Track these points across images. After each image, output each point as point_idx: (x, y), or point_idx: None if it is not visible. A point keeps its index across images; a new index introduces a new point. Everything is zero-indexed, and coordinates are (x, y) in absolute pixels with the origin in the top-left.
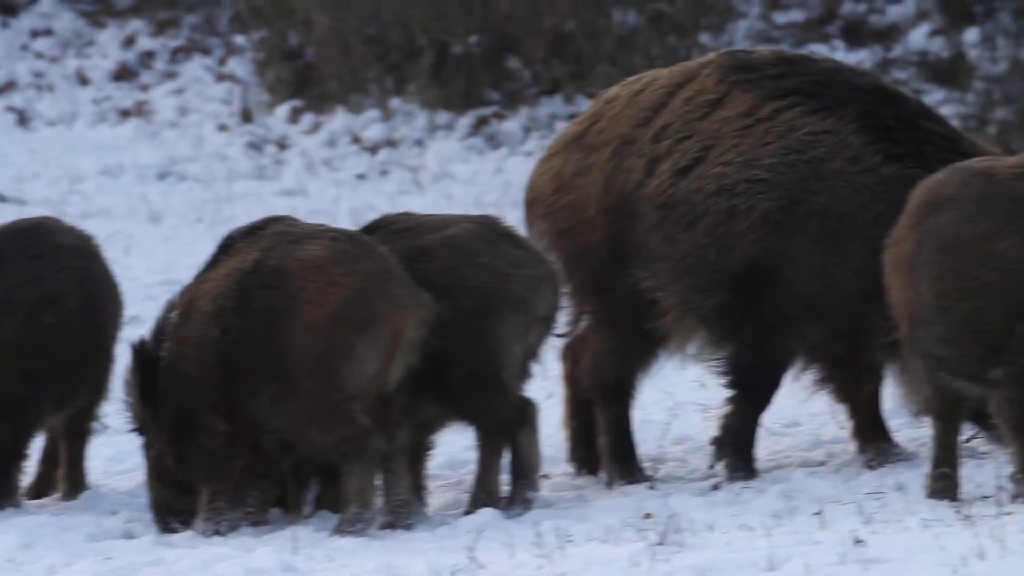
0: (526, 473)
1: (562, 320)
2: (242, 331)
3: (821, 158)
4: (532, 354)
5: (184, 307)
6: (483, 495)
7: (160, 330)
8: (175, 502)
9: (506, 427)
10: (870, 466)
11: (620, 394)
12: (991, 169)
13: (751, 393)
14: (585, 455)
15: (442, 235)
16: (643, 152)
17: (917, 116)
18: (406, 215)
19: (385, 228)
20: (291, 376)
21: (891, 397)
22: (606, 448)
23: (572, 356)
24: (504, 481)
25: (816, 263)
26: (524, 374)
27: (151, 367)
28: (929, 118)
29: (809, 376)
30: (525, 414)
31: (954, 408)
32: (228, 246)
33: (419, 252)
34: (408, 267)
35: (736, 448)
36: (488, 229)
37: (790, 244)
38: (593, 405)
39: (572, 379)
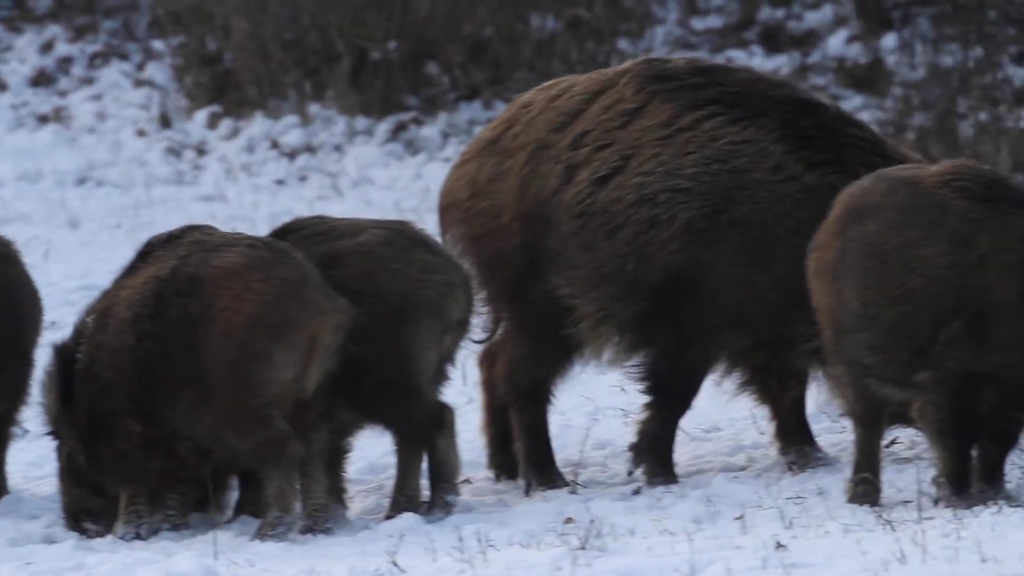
0: (445, 477)
1: (479, 326)
2: (159, 338)
3: (743, 168)
4: (448, 359)
5: (101, 313)
6: (403, 499)
7: (79, 334)
8: (87, 503)
9: (422, 432)
10: (792, 469)
11: (536, 400)
12: (915, 177)
13: (669, 400)
14: (504, 461)
15: (354, 241)
16: (560, 158)
17: (838, 123)
18: (318, 219)
19: (297, 233)
20: (208, 382)
21: (814, 401)
22: (523, 454)
23: (490, 362)
24: (425, 486)
25: (739, 272)
26: (440, 379)
27: (68, 370)
28: (850, 123)
29: (731, 381)
30: (441, 419)
31: (876, 413)
32: (147, 253)
33: (332, 258)
34: (321, 272)
35: (654, 454)
36: (400, 235)
37: (712, 253)
38: (509, 411)
39: (490, 385)
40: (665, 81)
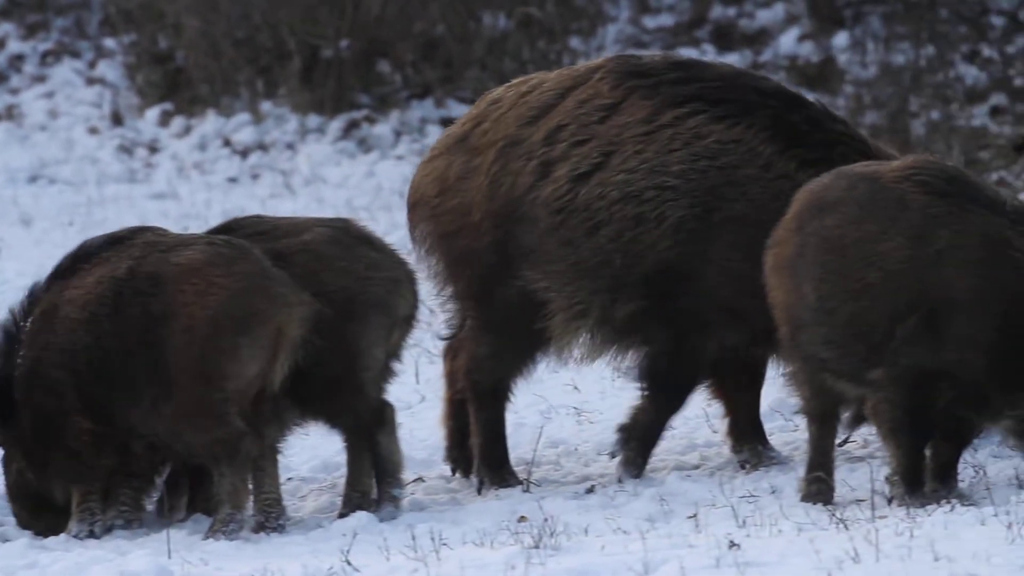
0: (390, 472)
1: (445, 321)
2: (118, 337)
3: (734, 164)
4: (394, 355)
5: (43, 314)
6: (356, 495)
7: (9, 339)
8: (35, 522)
9: (365, 429)
10: (744, 467)
11: (495, 398)
12: (876, 173)
13: (666, 396)
14: (461, 456)
15: (299, 239)
16: (533, 154)
17: (825, 119)
18: (256, 218)
19: (238, 232)
20: (170, 379)
21: (767, 400)
22: (478, 451)
23: (452, 356)
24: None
25: (735, 269)
26: (387, 375)
27: (6, 384)
28: (836, 120)
29: None
30: (383, 416)
31: (831, 411)
32: (88, 255)
33: (276, 256)
34: None
35: (641, 444)
36: (344, 233)
37: (706, 250)
38: (471, 409)
39: (452, 379)
40: (643, 77)
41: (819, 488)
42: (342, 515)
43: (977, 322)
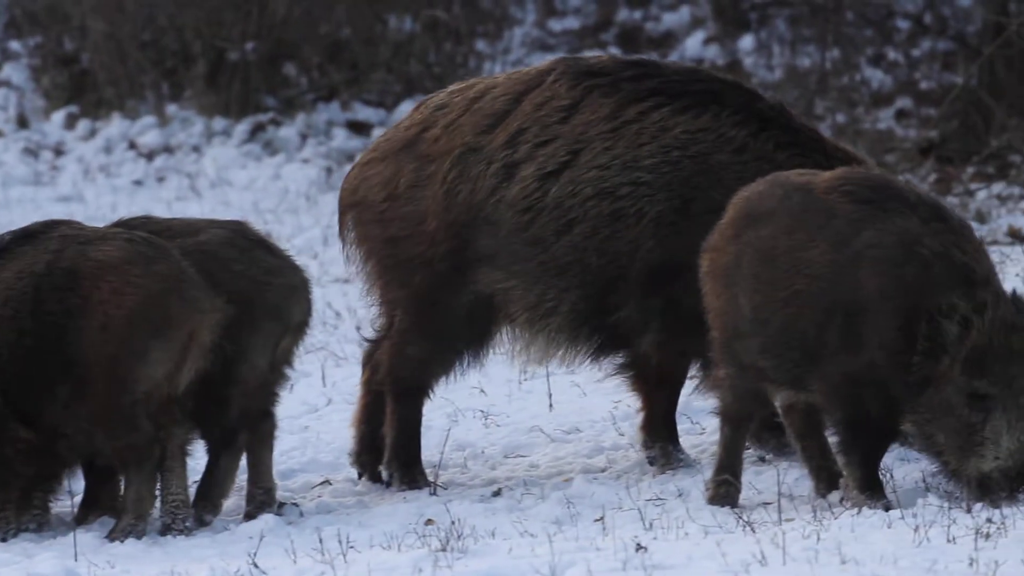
0: (262, 479)
1: (371, 324)
2: (36, 334)
3: (706, 152)
4: (286, 362)
5: None
6: (259, 492)
7: None
8: None
9: (235, 436)
10: (652, 463)
11: (416, 397)
12: (809, 184)
13: (665, 392)
14: (369, 460)
15: (194, 240)
16: (494, 159)
17: (783, 110)
18: (147, 219)
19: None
20: (83, 378)
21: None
22: (391, 448)
23: (375, 363)
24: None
25: None
26: (278, 381)
27: None
28: (794, 116)
29: (607, 365)
30: (263, 423)
31: (748, 417)
32: (2, 251)
33: None
34: None
35: (665, 439)
36: (241, 235)
37: (688, 243)
38: (388, 404)
39: (370, 384)
40: (599, 76)
41: (727, 490)
42: (248, 514)
43: (884, 322)
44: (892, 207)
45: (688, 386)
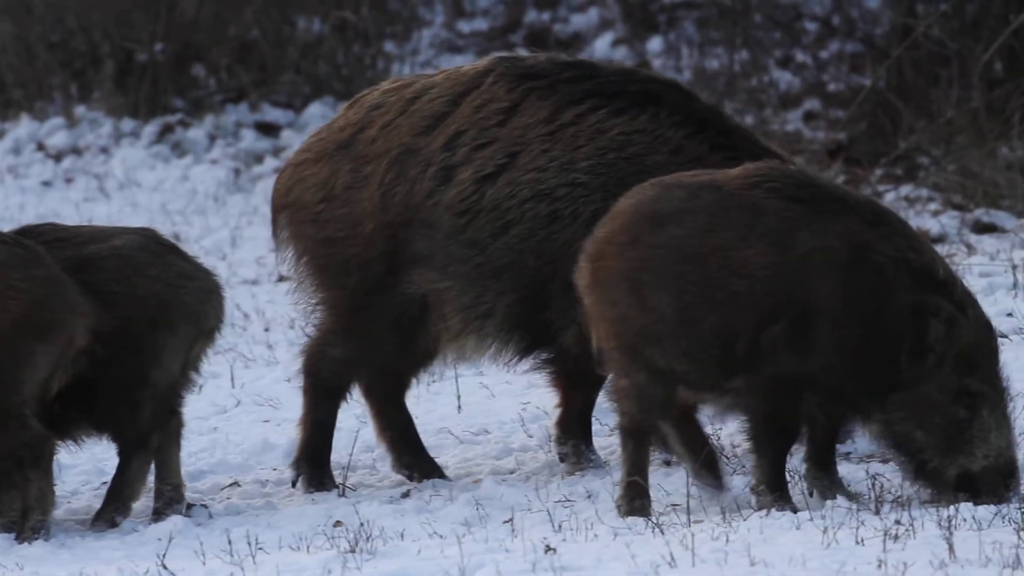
0: (170, 478)
1: (305, 324)
2: None
3: (641, 153)
4: (194, 367)
5: None
6: (167, 488)
7: None
8: None
9: (147, 438)
10: (563, 460)
11: (333, 399)
12: (716, 182)
13: (583, 382)
14: (415, 461)
15: (109, 245)
16: (432, 161)
17: (718, 111)
18: (52, 225)
19: (35, 239)
20: None
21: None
22: (302, 446)
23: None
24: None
25: None
26: (186, 385)
27: None
28: (729, 118)
29: (536, 356)
30: (171, 424)
31: (652, 428)
32: None
33: (84, 262)
34: (73, 277)
35: (582, 431)
36: (153, 240)
37: None
38: (303, 402)
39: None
40: (538, 78)
41: (641, 503)
42: (156, 511)
43: (842, 326)
44: (829, 207)
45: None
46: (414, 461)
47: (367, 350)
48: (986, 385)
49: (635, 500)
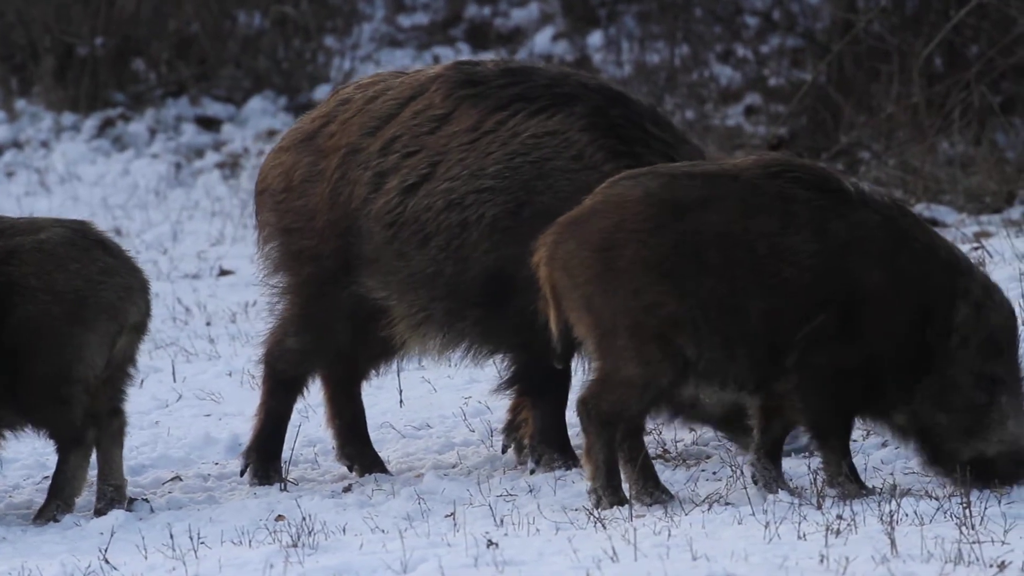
0: (112, 477)
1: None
2: None
3: (546, 157)
4: (128, 361)
5: None
6: (109, 489)
7: None
8: None
9: (81, 435)
10: (532, 473)
11: (289, 391)
12: (729, 170)
13: (540, 393)
14: (356, 451)
15: (33, 238)
16: (369, 165)
17: (644, 118)
18: None
19: None
20: None
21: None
22: (254, 436)
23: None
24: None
25: None
26: (123, 380)
27: None
28: (657, 123)
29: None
30: (109, 423)
31: (641, 421)
32: None
33: (9, 254)
34: None
35: (552, 443)
36: (81, 235)
37: (521, 249)
38: (260, 393)
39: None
40: (473, 86)
41: (621, 498)
42: (98, 511)
43: (887, 313)
44: (856, 198)
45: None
46: (356, 453)
47: (322, 341)
48: (1007, 370)
49: (618, 491)
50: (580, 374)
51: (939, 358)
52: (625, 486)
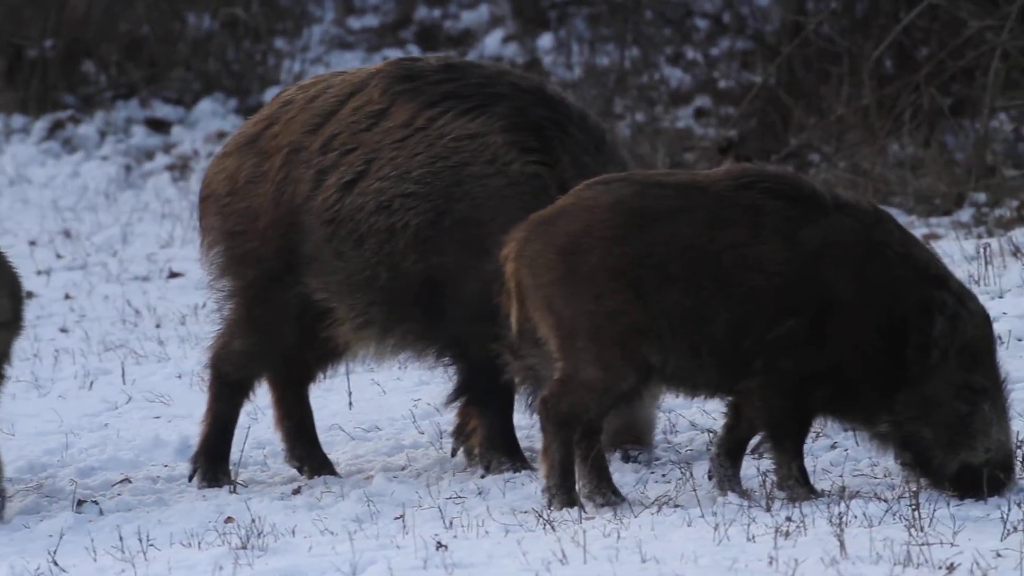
0: None
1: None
2: None
3: (464, 162)
4: (2, 359)
5: None
6: None
7: None
8: None
9: None
10: (483, 477)
11: (236, 393)
12: (699, 182)
13: (486, 399)
14: (305, 453)
15: None
16: (311, 163)
17: (568, 121)
18: None
19: None
20: None
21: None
22: (202, 440)
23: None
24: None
25: (478, 271)
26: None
27: None
28: (582, 127)
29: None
30: None
31: (599, 423)
32: None
33: None
34: None
35: (500, 449)
36: None
37: (446, 259)
38: (207, 396)
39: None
40: (410, 81)
41: (571, 497)
42: None
43: (857, 321)
44: (830, 206)
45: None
46: (305, 455)
47: (268, 343)
48: (987, 378)
49: (571, 492)
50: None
51: (919, 371)
52: (578, 485)
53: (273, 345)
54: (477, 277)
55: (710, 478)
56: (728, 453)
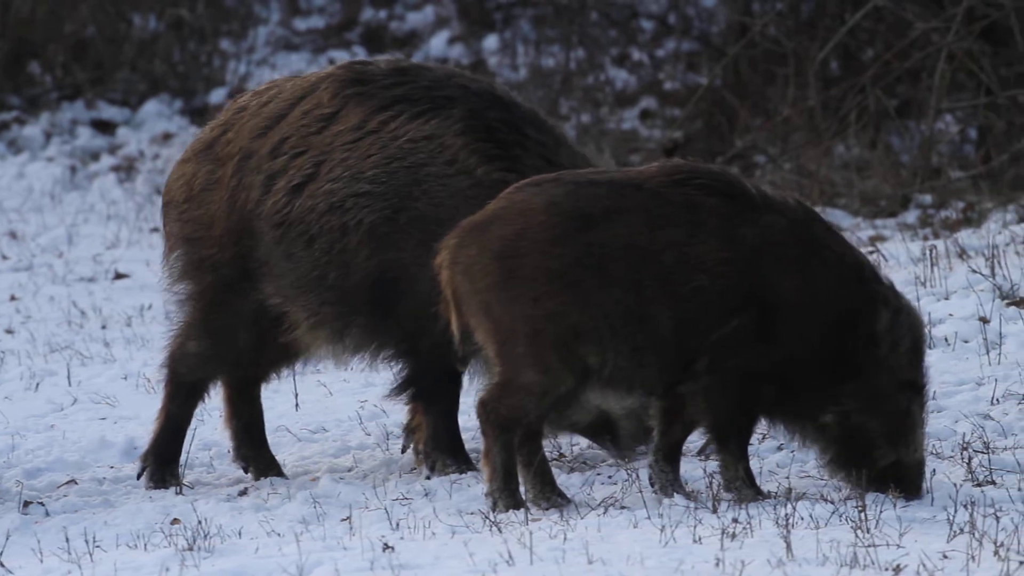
0: None
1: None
2: None
3: (421, 163)
4: None
5: None
6: None
7: None
8: None
9: None
10: (429, 479)
11: (190, 396)
12: (632, 180)
13: (430, 399)
14: (252, 453)
15: None
16: (261, 168)
17: (524, 123)
18: None
19: None
20: None
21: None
22: (153, 440)
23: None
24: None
25: (429, 268)
26: None
27: None
28: (538, 127)
29: (394, 375)
30: None
31: (539, 426)
32: None
33: None
34: None
35: (445, 449)
36: None
37: (402, 255)
38: (161, 398)
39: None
40: (361, 85)
41: (517, 500)
42: None
43: (799, 318)
44: (760, 204)
45: None
46: (252, 455)
47: (223, 347)
48: (923, 378)
49: (516, 494)
50: (472, 379)
51: (867, 364)
52: (522, 489)
53: (228, 349)
54: (431, 274)
55: (652, 485)
56: (665, 458)
